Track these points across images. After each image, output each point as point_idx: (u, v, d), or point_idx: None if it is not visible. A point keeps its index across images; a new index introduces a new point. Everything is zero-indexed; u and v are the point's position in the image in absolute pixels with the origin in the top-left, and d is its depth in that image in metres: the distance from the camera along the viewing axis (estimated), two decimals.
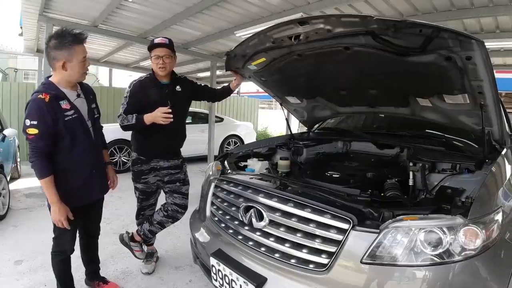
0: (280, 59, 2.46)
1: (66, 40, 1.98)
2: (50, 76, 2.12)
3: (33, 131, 1.93)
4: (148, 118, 2.51)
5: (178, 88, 2.76)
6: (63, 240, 2.22)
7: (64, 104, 2.04)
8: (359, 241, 1.52)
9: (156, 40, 2.65)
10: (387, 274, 1.46)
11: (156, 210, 2.96)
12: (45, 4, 5.40)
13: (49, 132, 1.98)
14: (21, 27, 7.53)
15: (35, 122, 1.93)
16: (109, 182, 2.52)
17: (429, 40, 1.71)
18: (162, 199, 2.97)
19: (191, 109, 3.11)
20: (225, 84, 3.06)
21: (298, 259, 1.66)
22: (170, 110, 2.49)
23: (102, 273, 2.72)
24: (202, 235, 2.26)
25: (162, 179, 2.82)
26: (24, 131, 1.96)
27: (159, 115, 2.48)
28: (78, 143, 2.11)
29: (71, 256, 2.33)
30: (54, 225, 2.18)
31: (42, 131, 1.95)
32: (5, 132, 5.59)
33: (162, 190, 2.94)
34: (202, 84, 3.09)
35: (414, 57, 1.90)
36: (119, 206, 4.74)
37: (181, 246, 3.45)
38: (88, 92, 2.29)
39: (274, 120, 16.39)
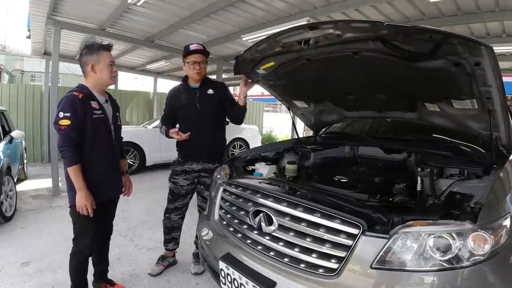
0: (288, 64, 2.47)
1: (94, 47, 2.28)
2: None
3: (65, 122, 2.13)
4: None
5: (210, 91, 2.87)
6: (83, 238, 2.30)
7: (94, 104, 2.28)
8: (368, 246, 1.53)
9: (192, 47, 2.80)
10: (397, 279, 1.46)
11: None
12: (53, 7, 5.48)
13: (80, 124, 2.18)
14: (28, 30, 7.60)
15: (68, 114, 2.14)
16: (124, 189, 2.64)
17: (438, 46, 1.71)
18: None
19: None
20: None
21: (308, 263, 1.66)
22: (180, 135, 2.80)
23: (109, 275, 2.74)
24: (211, 239, 2.27)
25: (193, 181, 2.97)
26: (56, 123, 2.14)
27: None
28: (100, 142, 2.30)
29: None
30: (74, 224, 2.31)
31: (74, 123, 2.14)
32: (13, 134, 5.65)
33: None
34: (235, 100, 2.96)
35: (423, 63, 1.90)
36: (126, 208, 4.79)
37: (188, 249, 3.46)
38: (113, 102, 2.54)
39: (279, 123, 16.39)
